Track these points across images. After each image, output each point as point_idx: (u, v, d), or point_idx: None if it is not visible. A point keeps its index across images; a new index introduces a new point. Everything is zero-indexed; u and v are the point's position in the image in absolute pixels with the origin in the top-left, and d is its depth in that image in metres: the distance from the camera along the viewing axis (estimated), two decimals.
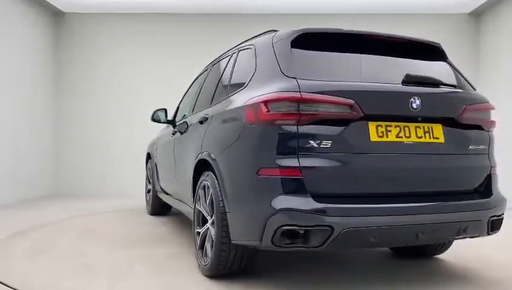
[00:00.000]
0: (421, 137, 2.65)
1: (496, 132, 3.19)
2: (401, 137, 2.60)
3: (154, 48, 8.75)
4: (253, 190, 2.53)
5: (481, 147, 2.90)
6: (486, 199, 2.80)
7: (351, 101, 2.50)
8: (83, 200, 7.65)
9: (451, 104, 2.81)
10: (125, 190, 8.52)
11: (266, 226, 2.40)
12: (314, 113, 2.45)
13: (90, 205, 7.07)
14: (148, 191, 6.17)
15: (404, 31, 3.65)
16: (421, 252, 3.59)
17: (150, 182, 6.09)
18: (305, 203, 2.37)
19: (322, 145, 2.44)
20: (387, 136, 2.57)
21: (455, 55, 8.68)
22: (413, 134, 2.64)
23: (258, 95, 2.60)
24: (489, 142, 2.97)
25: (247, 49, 3.20)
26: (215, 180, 2.89)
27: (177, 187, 4.34)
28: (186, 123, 4.07)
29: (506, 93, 7.49)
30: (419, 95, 2.63)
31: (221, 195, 2.80)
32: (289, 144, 2.43)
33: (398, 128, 2.61)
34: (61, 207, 6.81)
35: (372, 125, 2.55)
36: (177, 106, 5.16)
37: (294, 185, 2.41)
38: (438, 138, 2.70)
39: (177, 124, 4.58)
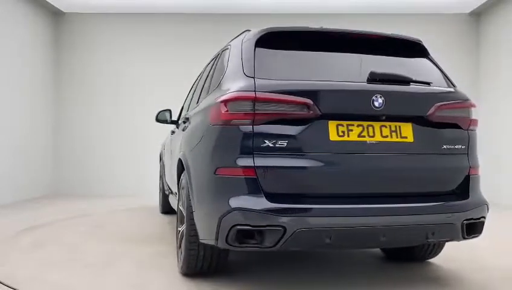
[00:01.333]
0: (386, 136, 2.55)
1: (497, 132, 3.12)
2: (364, 136, 2.52)
3: (155, 47, 8.74)
4: (211, 189, 2.53)
5: (458, 146, 2.73)
6: (459, 201, 2.65)
7: (307, 100, 2.47)
8: (83, 200, 7.64)
9: (420, 102, 2.69)
10: (126, 190, 8.52)
11: (220, 225, 2.40)
12: (270, 112, 2.44)
13: (91, 204, 7.06)
14: (160, 190, 6.33)
15: (404, 31, 3.63)
16: (412, 256, 3.45)
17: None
18: (258, 203, 2.35)
19: (277, 145, 2.42)
20: (348, 136, 2.50)
21: (455, 55, 8.75)
22: (377, 133, 2.54)
23: (221, 95, 2.62)
24: (468, 141, 2.78)
25: (226, 49, 3.21)
26: (187, 179, 2.92)
27: (171, 186, 4.39)
28: (179, 123, 4.16)
29: (507, 93, 7.49)
30: (382, 93, 2.53)
31: (190, 194, 2.82)
32: (244, 144, 2.43)
33: (361, 128, 2.53)
34: (62, 207, 6.81)
35: (332, 125, 2.50)
36: (181, 105, 5.20)
37: (249, 185, 2.39)
38: (406, 137, 2.59)
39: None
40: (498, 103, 7.76)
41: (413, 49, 3.07)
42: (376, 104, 2.52)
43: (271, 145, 2.42)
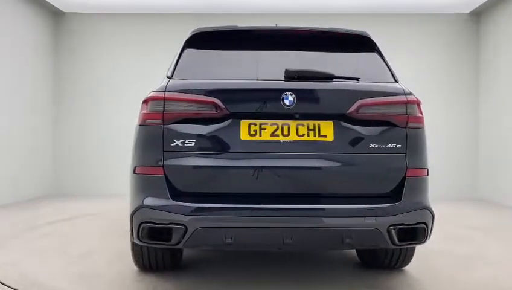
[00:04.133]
0: (302, 135, 2.47)
1: (497, 132, 3.00)
2: (278, 135, 2.47)
3: (155, 47, 8.74)
4: (132, 188, 2.62)
5: (390, 146, 2.54)
6: (385, 205, 2.45)
7: (214, 100, 2.48)
8: (83, 200, 7.63)
9: (340, 99, 2.56)
10: (126, 190, 8.49)
11: (133, 222, 2.50)
12: (178, 112, 2.50)
13: (92, 205, 7.06)
14: None
15: (404, 31, 3.63)
16: (378, 263, 3.26)
17: None
18: (163, 201, 2.42)
19: (186, 144, 2.48)
20: (260, 135, 2.47)
21: (455, 55, 8.75)
22: (293, 132, 2.47)
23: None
24: (406, 140, 2.57)
25: None
26: None
27: None
28: None
29: (507, 93, 7.49)
30: (292, 91, 2.47)
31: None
32: (156, 143, 2.49)
33: (274, 126, 2.48)
34: (62, 207, 6.81)
35: (244, 124, 2.49)
36: None
37: (157, 183, 2.45)
38: (325, 136, 2.49)
39: None
40: (498, 103, 7.76)
41: (359, 43, 2.96)
42: (286, 102, 2.46)
43: (180, 144, 2.47)
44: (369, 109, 2.54)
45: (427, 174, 2.67)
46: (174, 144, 2.47)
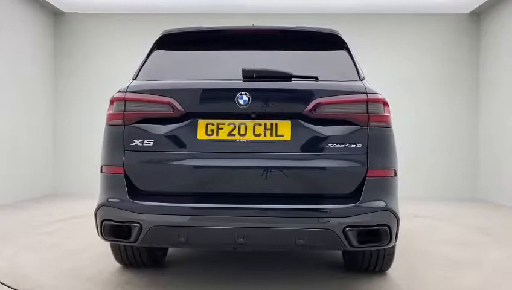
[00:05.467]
0: (259, 135, 2.47)
1: (497, 132, 2.94)
2: (234, 135, 2.47)
3: None
4: (100, 186, 2.69)
5: (350, 145, 2.48)
6: (341, 206, 2.39)
7: (170, 100, 2.52)
8: (83, 200, 7.63)
9: (297, 98, 2.54)
10: None
11: (96, 219, 2.58)
12: (137, 112, 2.56)
13: (92, 204, 7.04)
14: None
15: (404, 31, 3.63)
16: (356, 266, 3.18)
17: None
18: (121, 199, 2.49)
19: (144, 144, 2.53)
20: (217, 135, 2.49)
21: (455, 55, 8.76)
22: (250, 132, 2.47)
23: None
24: (367, 140, 2.49)
25: None
26: None
27: None
28: None
29: (507, 93, 7.49)
30: (247, 90, 2.46)
31: None
32: (117, 143, 2.56)
33: (232, 126, 2.49)
34: (64, 206, 6.81)
35: (202, 124, 2.51)
36: None
37: (118, 182, 2.52)
38: (282, 136, 2.47)
39: None
40: (498, 103, 7.76)
41: (329, 41, 2.92)
42: (241, 101, 2.46)
43: (139, 144, 2.53)
44: (326, 108, 2.50)
45: (395, 175, 2.59)
46: (134, 143, 2.53)
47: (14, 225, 5.17)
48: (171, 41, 2.95)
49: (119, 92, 2.65)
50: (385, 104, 2.59)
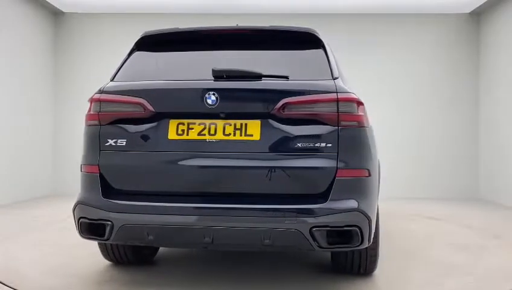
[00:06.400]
0: (229, 134, 2.47)
1: (498, 132, 2.88)
2: (204, 135, 2.48)
3: None
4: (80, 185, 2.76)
5: (320, 145, 2.44)
6: (308, 206, 2.36)
7: (140, 100, 2.57)
8: None
9: (266, 98, 2.52)
10: None
11: (74, 217, 2.66)
12: (111, 113, 2.63)
13: None
14: None
15: (404, 31, 3.62)
16: (349, 269, 3.10)
17: None
18: (95, 198, 2.55)
19: (118, 144, 2.59)
20: (187, 134, 2.51)
21: (455, 55, 8.75)
22: (219, 132, 2.47)
23: None
24: (338, 140, 2.44)
25: None
26: None
27: None
28: None
29: (507, 93, 7.49)
30: (215, 90, 2.47)
31: None
32: (94, 142, 2.65)
33: (202, 126, 2.50)
34: (64, 206, 6.81)
35: (173, 124, 2.54)
36: None
37: (93, 181, 2.60)
38: (251, 136, 2.46)
39: None
40: (498, 103, 7.75)
41: (305, 40, 2.87)
42: (209, 101, 2.47)
43: (113, 144, 2.60)
44: (294, 107, 2.47)
45: (369, 175, 2.52)
46: (108, 143, 2.60)
47: (13, 224, 5.18)
48: (150, 42, 2.99)
49: (96, 93, 2.73)
50: (359, 103, 2.55)
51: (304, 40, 2.87)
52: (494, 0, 7.78)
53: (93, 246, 3.80)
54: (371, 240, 2.52)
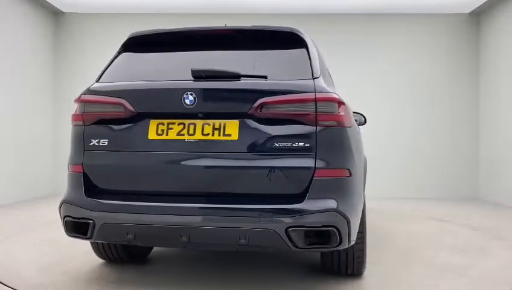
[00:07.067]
0: (207, 134, 2.48)
1: (497, 132, 2.84)
2: (183, 135, 2.50)
3: None
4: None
5: (298, 145, 2.42)
6: (284, 206, 2.34)
7: (120, 100, 2.60)
8: None
9: (243, 98, 2.52)
10: None
11: (60, 215, 2.70)
12: (94, 113, 2.68)
13: None
14: None
15: (404, 31, 3.62)
16: (336, 270, 3.09)
17: None
18: (79, 197, 2.61)
19: (100, 143, 2.64)
20: (167, 134, 2.53)
21: (455, 55, 8.75)
22: (198, 132, 2.49)
23: None
24: (316, 140, 2.42)
25: None
26: None
27: None
28: None
29: (507, 92, 7.49)
30: (193, 90, 2.48)
31: None
32: (79, 142, 2.70)
33: (181, 126, 2.52)
34: None
35: (153, 124, 2.57)
36: None
37: (77, 180, 2.66)
38: (230, 135, 2.47)
39: None
40: (498, 103, 7.76)
41: (288, 40, 2.84)
42: (187, 101, 2.48)
43: (96, 143, 2.65)
44: (272, 107, 2.46)
45: (350, 175, 2.49)
46: (92, 143, 2.66)
47: (13, 224, 5.19)
48: (137, 43, 3.00)
49: (81, 94, 2.77)
50: (340, 103, 2.53)
51: (287, 39, 2.85)
52: (494, 0, 7.78)
53: (88, 246, 3.85)
54: (351, 241, 2.49)
